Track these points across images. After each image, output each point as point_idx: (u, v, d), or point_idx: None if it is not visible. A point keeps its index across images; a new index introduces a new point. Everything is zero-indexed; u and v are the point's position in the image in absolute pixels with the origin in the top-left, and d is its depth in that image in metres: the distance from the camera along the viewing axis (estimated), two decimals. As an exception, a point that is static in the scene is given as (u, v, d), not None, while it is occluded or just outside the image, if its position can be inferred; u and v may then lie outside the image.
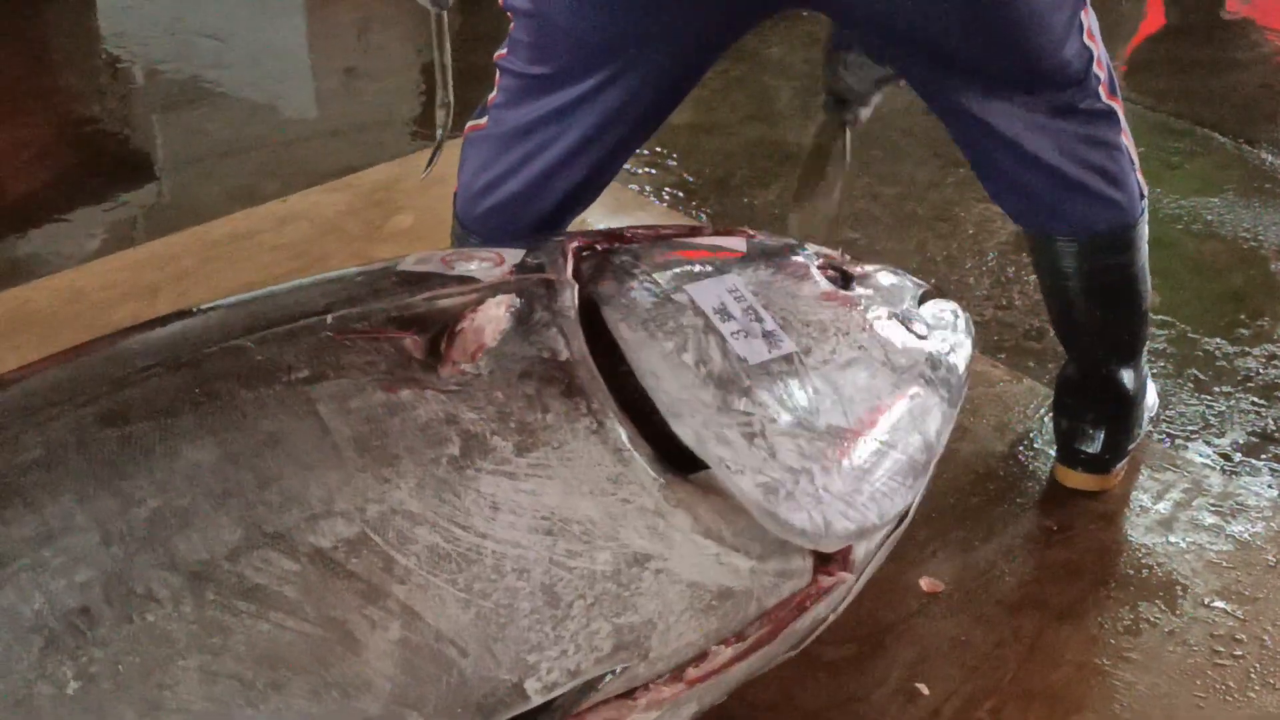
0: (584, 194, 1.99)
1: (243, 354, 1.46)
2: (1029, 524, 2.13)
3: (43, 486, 1.31)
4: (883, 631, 1.91)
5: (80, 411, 1.39)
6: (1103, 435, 2.15)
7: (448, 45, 2.03)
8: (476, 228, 1.99)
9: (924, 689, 1.83)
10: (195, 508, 1.30)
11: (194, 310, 1.63)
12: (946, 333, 1.88)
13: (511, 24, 1.86)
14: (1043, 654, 1.90)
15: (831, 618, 1.69)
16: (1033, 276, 2.72)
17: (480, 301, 1.55)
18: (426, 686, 1.29)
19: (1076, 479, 2.19)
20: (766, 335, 1.65)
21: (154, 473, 1.32)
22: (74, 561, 1.26)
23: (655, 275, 1.69)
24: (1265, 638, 1.92)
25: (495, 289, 1.58)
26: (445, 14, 1.99)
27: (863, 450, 1.63)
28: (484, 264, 1.64)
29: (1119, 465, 2.19)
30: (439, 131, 2.07)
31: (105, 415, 1.38)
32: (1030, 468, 2.24)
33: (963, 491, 2.18)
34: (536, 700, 1.35)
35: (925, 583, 1.99)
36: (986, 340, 2.61)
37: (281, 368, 1.43)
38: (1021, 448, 2.29)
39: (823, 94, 2.46)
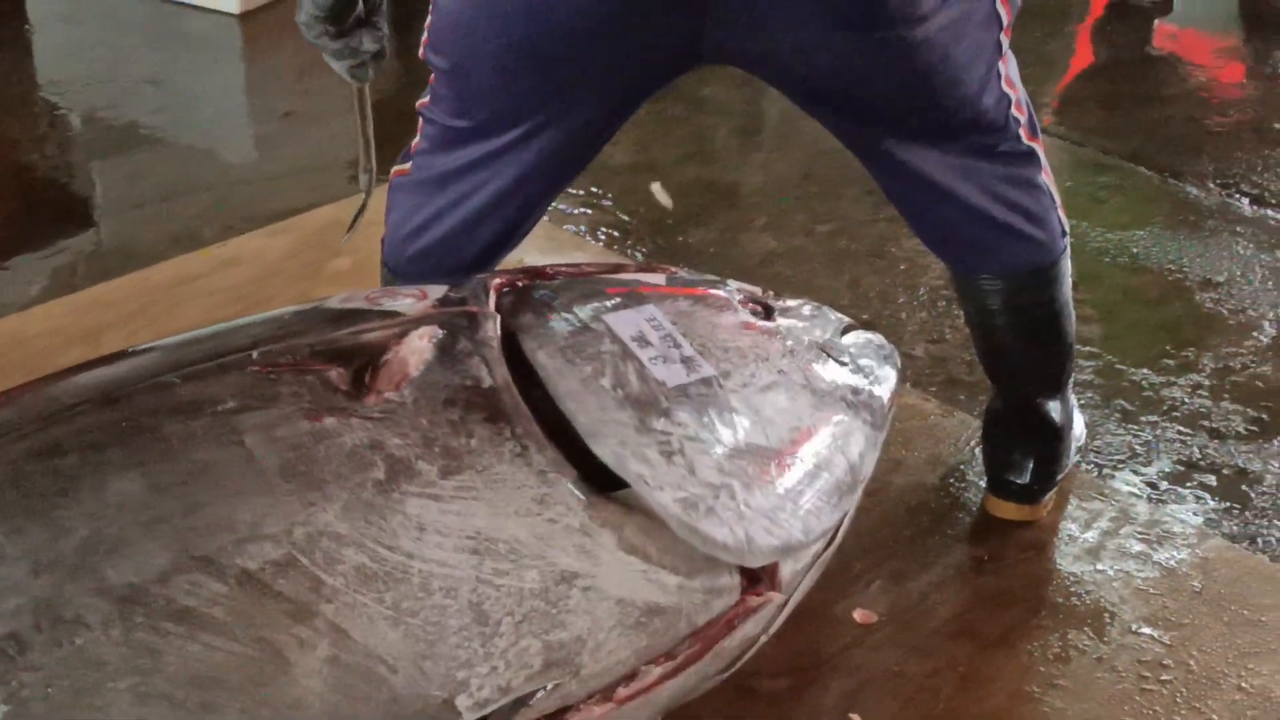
0: (510, 238, 2.01)
1: (169, 389, 1.49)
2: (961, 554, 2.16)
3: None
4: (818, 663, 1.93)
5: (11, 448, 1.41)
6: (1031, 466, 2.19)
7: (370, 115, 2.05)
8: (404, 272, 2.01)
9: (859, 720, 1.85)
10: (124, 535, 1.32)
11: (124, 353, 1.66)
12: (869, 361, 1.91)
13: (432, 75, 1.89)
14: (975, 683, 1.92)
15: (763, 638, 1.72)
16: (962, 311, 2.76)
17: (404, 334, 1.58)
18: (358, 704, 1.31)
19: (1006, 509, 2.22)
20: (685, 360, 1.68)
21: (83, 503, 1.34)
22: (4, 590, 1.27)
23: (574, 307, 1.72)
24: (1191, 663, 1.95)
25: (419, 321, 1.61)
26: (366, 85, 2.01)
27: (784, 468, 1.66)
28: (408, 300, 1.68)
29: (1048, 495, 2.22)
30: (363, 197, 2.09)
31: (35, 451, 1.40)
32: (962, 499, 2.27)
33: (896, 523, 2.20)
34: (468, 717, 1.37)
35: (859, 614, 2.01)
36: (919, 374, 2.65)
37: (208, 401, 1.46)
38: (953, 480, 2.31)
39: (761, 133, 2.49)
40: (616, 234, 3.15)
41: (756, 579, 1.65)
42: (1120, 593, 2.08)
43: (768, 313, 1.89)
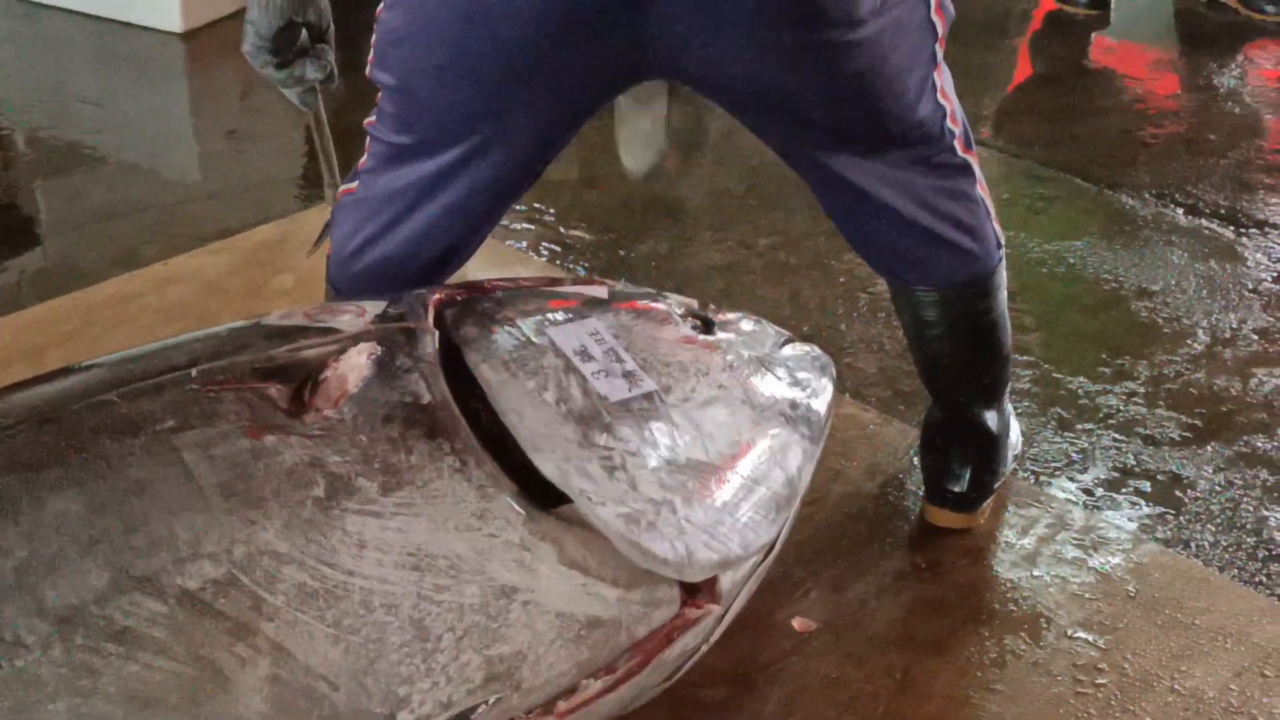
0: (454, 257, 2.01)
1: (108, 408, 1.48)
2: (899, 562, 2.18)
3: None
4: (757, 671, 1.95)
5: None
6: (968, 474, 2.22)
7: (327, 134, 2.06)
8: (349, 290, 2.00)
9: (798, 726, 1.87)
10: (62, 555, 1.32)
11: (63, 371, 1.65)
12: (806, 374, 1.93)
13: (379, 93, 1.90)
14: (913, 688, 1.94)
15: (703, 648, 1.74)
16: (900, 320, 2.79)
17: (342, 351, 1.58)
18: None
19: (944, 517, 2.25)
20: (627, 375, 1.70)
21: (20, 524, 1.34)
22: None
23: (517, 321, 1.73)
24: (1125, 666, 1.98)
25: (357, 338, 1.61)
26: (320, 107, 2.01)
27: (724, 483, 1.67)
28: (346, 316, 1.68)
29: (984, 503, 2.25)
30: (330, 212, 2.09)
31: (-29, 470, 1.40)
32: (900, 507, 2.29)
33: (834, 532, 2.22)
34: None
35: (798, 622, 2.03)
36: (858, 384, 2.67)
37: (146, 419, 1.46)
38: (891, 488, 2.34)
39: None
40: (559, 249, 3.17)
41: (695, 590, 1.67)
42: (1056, 598, 2.10)
43: (707, 327, 1.90)
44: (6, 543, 1.33)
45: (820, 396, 1.92)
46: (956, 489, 2.22)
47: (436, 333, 1.66)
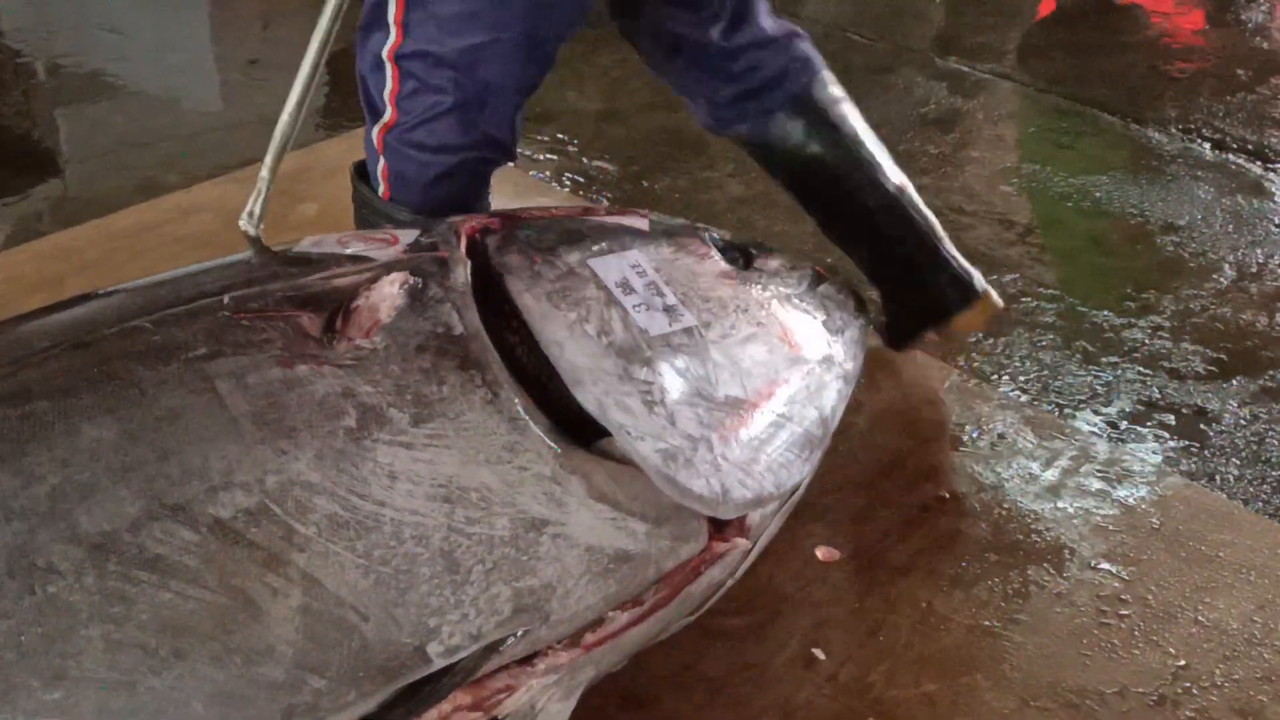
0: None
1: (141, 334, 1.47)
2: (922, 494, 2.18)
3: None
4: (780, 600, 1.95)
5: None
6: (928, 264, 2.30)
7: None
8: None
9: (821, 655, 1.87)
10: (96, 482, 1.32)
11: (93, 294, 1.64)
12: (842, 314, 1.93)
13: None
14: (934, 619, 1.94)
15: (729, 582, 1.74)
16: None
17: (374, 279, 1.57)
18: (329, 651, 1.32)
19: (966, 320, 2.31)
20: (668, 309, 1.69)
21: (54, 449, 1.34)
22: None
23: (558, 250, 1.72)
24: (1149, 598, 1.98)
25: (389, 267, 1.60)
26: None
27: (760, 422, 1.67)
28: (378, 244, 1.67)
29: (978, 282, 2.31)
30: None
31: (5, 395, 1.40)
32: (923, 439, 2.29)
33: (858, 464, 2.22)
34: (439, 663, 1.38)
35: (821, 552, 2.03)
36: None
37: (179, 346, 1.45)
38: (915, 420, 2.34)
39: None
40: (582, 180, 3.15)
41: (723, 525, 1.67)
42: (1079, 530, 2.11)
43: (746, 261, 1.90)
44: (40, 468, 1.32)
45: (854, 336, 1.92)
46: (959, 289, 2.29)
47: (469, 262, 1.65)
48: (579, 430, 1.56)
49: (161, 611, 1.27)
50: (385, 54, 1.96)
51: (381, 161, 2.04)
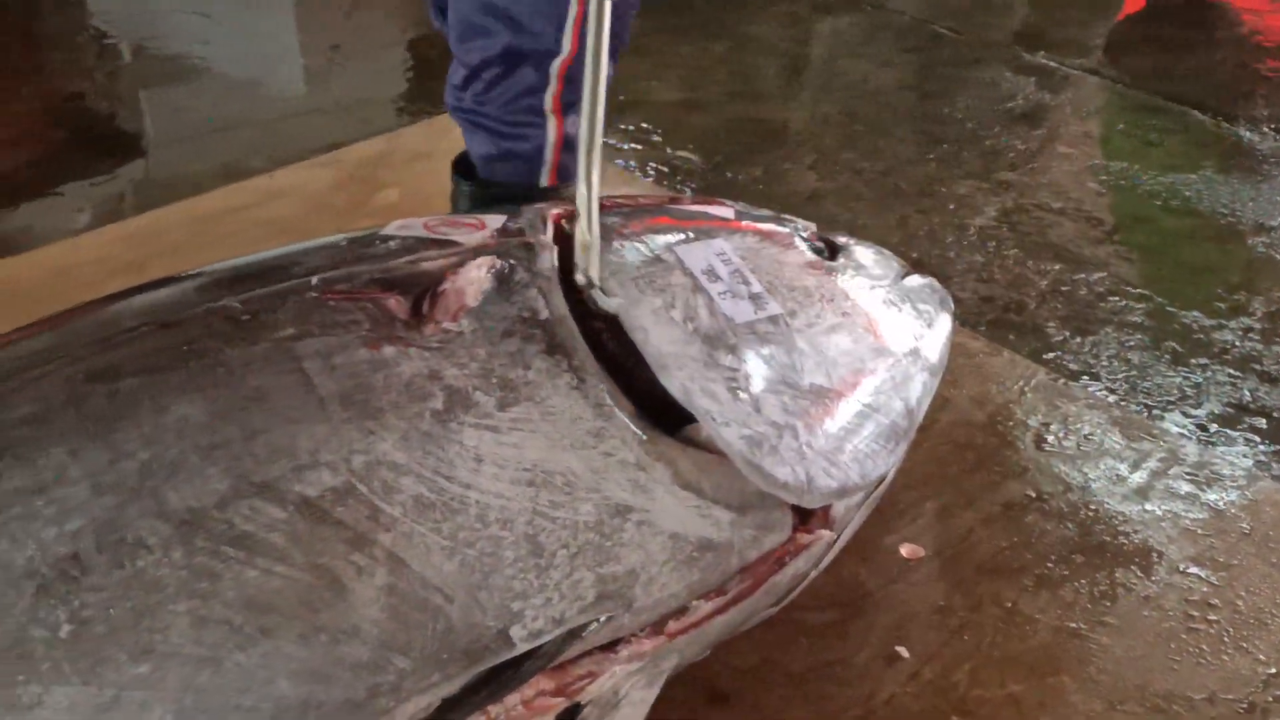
0: None
1: (229, 314, 1.48)
2: (1007, 492, 2.15)
3: (34, 441, 1.33)
4: (863, 597, 1.94)
5: (70, 369, 1.40)
6: None
7: None
8: None
9: (904, 653, 1.85)
10: (183, 459, 1.32)
11: (179, 276, 1.64)
12: (927, 307, 1.91)
13: None
14: (1020, 619, 1.92)
15: (813, 574, 1.72)
16: (1013, 250, 2.76)
17: (461, 263, 1.57)
18: (413, 632, 1.31)
19: None
20: (753, 297, 1.68)
21: (142, 426, 1.34)
22: (66, 511, 1.27)
23: (644, 237, 1.71)
24: (1239, 602, 1.95)
25: (476, 251, 1.60)
26: None
27: (846, 411, 1.65)
28: (465, 229, 1.66)
29: None
30: None
31: (95, 372, 1.40)
32: (1009, 437, 2.27)
33: (942, 460, 2.20)
34: (522, 647, 1.37)
35: (906, 549, 2.02)
36: (967, 313, 2.64)
37: (267, 326, 1.45)
38: (1000, 417, 2.31)
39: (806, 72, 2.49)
40: (666, 170, 3.14)
41: (808, 515, 1.65)
42: (1168, 532, 2.07)
43: (832, 252, 1.89)
44: (129, 445, 1.32)
45: (940, 330, 1.90)
46: None
47: (556, 248, 1.64)
48: (664, 417, 1.55)
49: (248, 588, 1.27)
50: None
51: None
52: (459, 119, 2.16)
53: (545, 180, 2.13)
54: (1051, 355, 2.55)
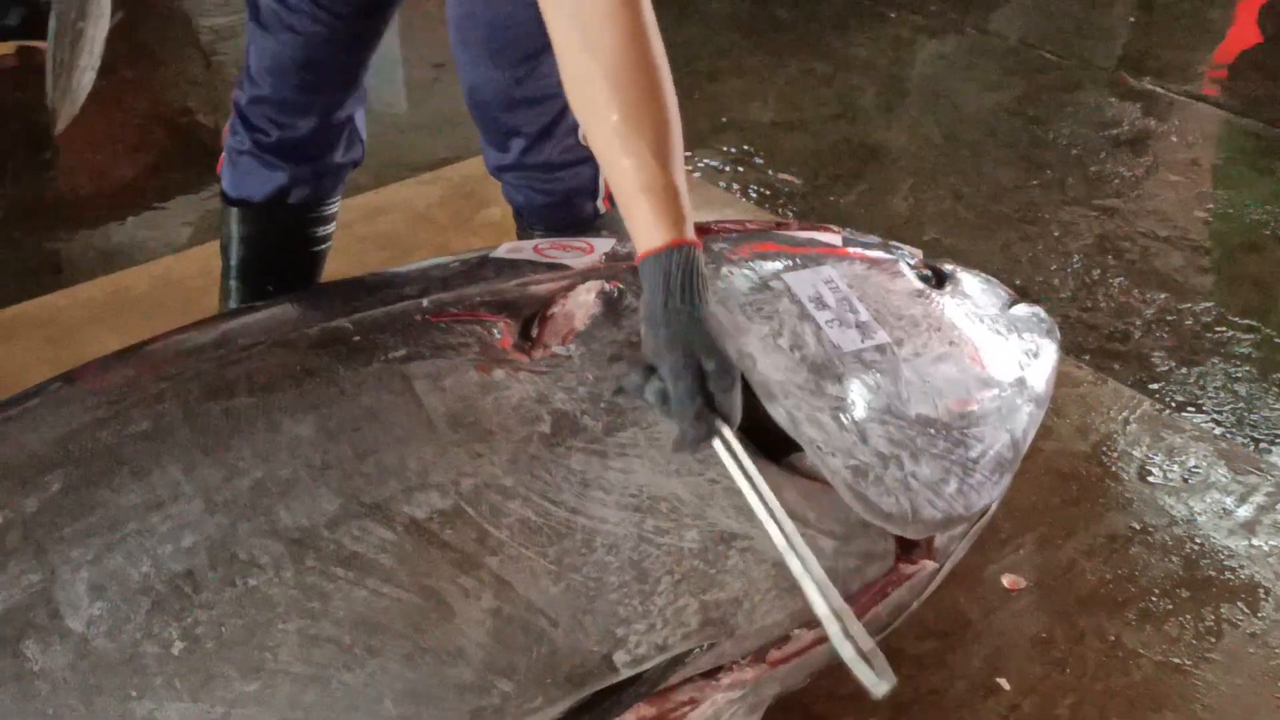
0: None
1: (341, 334, 1.50)
2: (1110, 524, 2.13)
3: (150, 457, 1.35)
4: (964, 626, 1.92)
5: (185, 387, 1.44)
6: None
7: None
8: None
9: (1004, 684, 1.84)
10: (296, 478, 1.34)
11: (293, 295, 1.69)
12: (1034, 336, 1.89)
13: None
14: (1123, 653, 1.90)
15: (915, 604, 1.71)
16: (1118, 278, 2.73)
17: (570, 287, 1.58)
18: (517, 655, 1.32)
19: None
20: (860, 325, 1.67)
21: (256, 444, 1.36)
22: (180, 528, 1.30)
23: (752, 264, 1.71)
24: (1349, 641, 1.91)
25: (585, 275, 1.61)
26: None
27: (951, 442, 1.64)
28: (574, 252, 1.67)
29: None
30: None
31: (209, 390, 1.43)
32: (1113, 468, 2.24)
33: (1045, 490, 2.18)
34: (625, 673, 1.37)
35: (1007, 579, 2.00)
36: (1071, 342, 2.61)
37: (378, 347, 1.47)
38: (1104, 448, 2.28)
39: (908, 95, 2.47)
40: (768, 193, 3.14)
41: (911, 546, 1.64)
42: (1275, 568, 2.04)
43: (939, 280, 1.88)
44: (242, 463, 1.34)
45: (1046, 360, 1.88)
46: None
47: None
48: (769, 444, 1.54)
49: (357, 607, 1.28)
50: None
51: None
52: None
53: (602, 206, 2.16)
54: (1157, 386, 2.52)
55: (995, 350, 1.81)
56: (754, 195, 3.13)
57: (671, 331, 1.36)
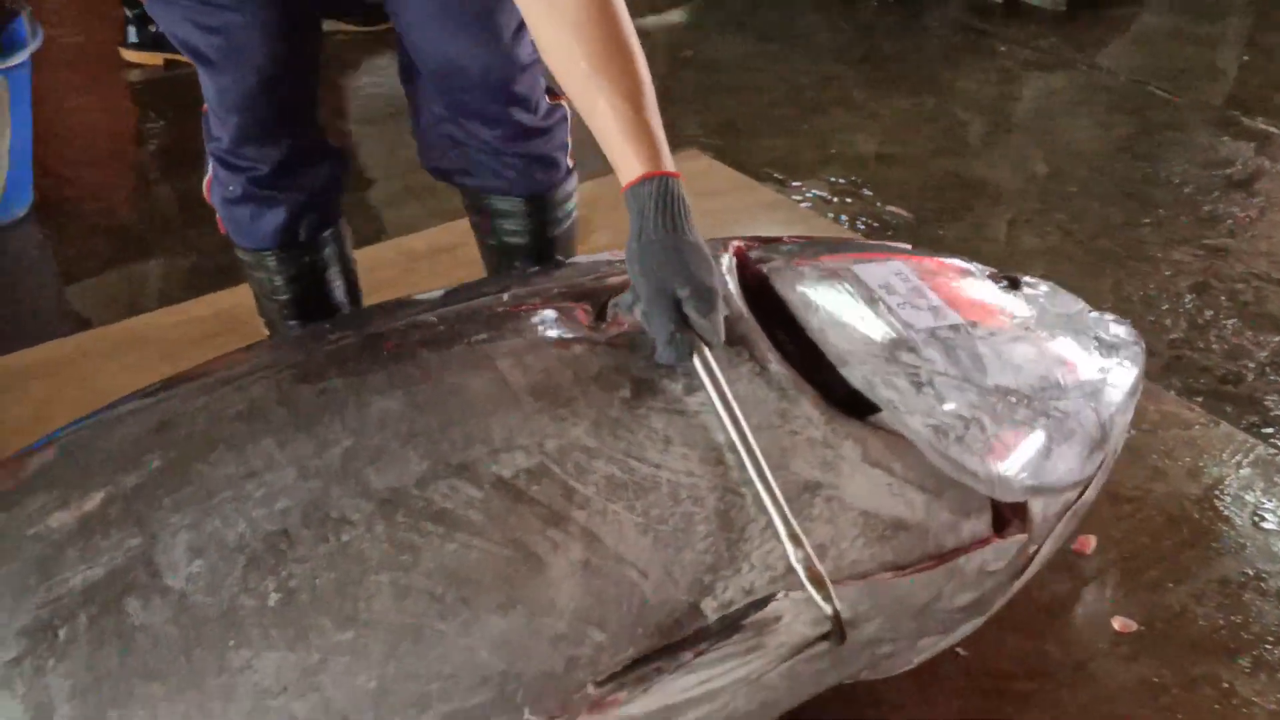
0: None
1: (427, 325, 1.56)
2: (1222, 568, 2.07)
3: (245, 434, 1.40)
4: (1073, 669, 1.88)
5: (280, 375, 1.49)
6: None
7: None
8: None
9: (1115, 728, 1.80)
10: (385, 446, 1.38)
11: (382, 305, 1.74)
12: (1113, 338, 1.89)
13: None
14: (1237, 701, 1.84)
15: (1014, 586, 1.71)
16: (1231, 320, 2.67)
17: None
18: (608, 606, 1.34)
19: None
20: (932, 309, 1.70)
21: (346, 419, 1.40)
22: (274, 493, 1.34)
23: (822, 257, 1.75)
24: None
25: None
26: None
27: (1034, 411, 1.64)
28: None
29: None
30: None
31: (302, 375, 1.48)
32: (1225, 512, 2.18)
33: (1155, 533, 2.13)
34: (712, 619, 1.38)
35: (1117, 622, 1.95)
36: (1181, 382, 2.57)
37: (462, 334, 1.52)
38: (1216, 492, 2.22)
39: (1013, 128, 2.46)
40: (875, 225, 3.12)
41: (1006, 523, 1.64)
42: (1397, 618, 1.96)
43: (1014, 286, 1.89)
44: (333, 435, 1.38)
45: (1129, 360, 1.86)
46: None
47: (735, 258, 1.69)
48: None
49: (447, 561, 1.31)
50: None
51: None
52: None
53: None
54: (1270, 430, 2.45)
55: (1074, 341, 1.81)
56: (861, 227, 3.12)
57: (645, 260, 1.49)
